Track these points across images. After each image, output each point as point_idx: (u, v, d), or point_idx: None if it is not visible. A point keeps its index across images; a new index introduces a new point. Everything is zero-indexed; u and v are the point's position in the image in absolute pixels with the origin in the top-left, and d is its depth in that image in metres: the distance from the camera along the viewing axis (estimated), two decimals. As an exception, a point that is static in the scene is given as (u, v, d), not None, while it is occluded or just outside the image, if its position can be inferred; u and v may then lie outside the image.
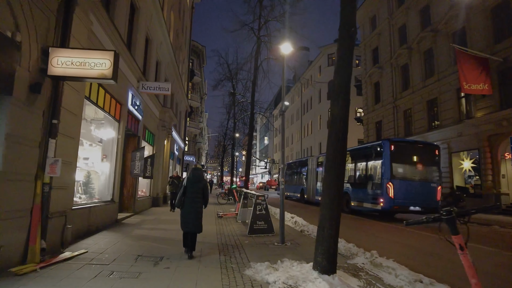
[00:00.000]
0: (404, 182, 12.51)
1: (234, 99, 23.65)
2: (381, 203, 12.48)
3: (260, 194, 7.85)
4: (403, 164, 12.88)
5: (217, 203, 17.23)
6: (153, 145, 14.39)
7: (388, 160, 12.62)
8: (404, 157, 12.96)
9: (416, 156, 13.16)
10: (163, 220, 10.09)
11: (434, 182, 13.12)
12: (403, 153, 13.05)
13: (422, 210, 12.37)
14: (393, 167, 12.57)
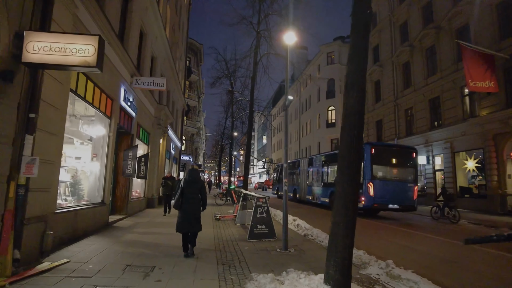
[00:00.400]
0: (383, 182, 13.57)
1: (232, 97, 23.07)
2: (362, 201, 13.38)
3: (261, 196, 7.31)
4: (383, 166, 13.90)
5: (214, 204, 16.68)
6: (148, 144, 13.83)
7: (369, 162, 13.51)
8: (383, 159, 13.99)
9: (395, 159, 14.26)
10: (157, 223, 9.53)
11: (411, 182, 14.13)
12: (382, 155, 14.05)
13: (399, 208, 13.62)
14: (373, 169, 13.54)
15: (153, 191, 14.16)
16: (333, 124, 37.46)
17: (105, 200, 8.33)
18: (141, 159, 10.80)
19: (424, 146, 20.93)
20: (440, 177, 20.10)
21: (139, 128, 12.13)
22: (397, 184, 13.86)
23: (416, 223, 12.69)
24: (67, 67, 4.16)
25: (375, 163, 13.67)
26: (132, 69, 10.03)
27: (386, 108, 25.59)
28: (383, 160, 13.93)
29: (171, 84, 19.23)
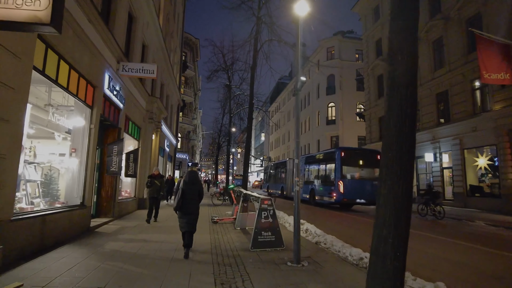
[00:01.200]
0: (352, 180, 16.00)
1: (229, 92, 21.98)
2: (334, 197, 15.96)
3: (266, 197, 6.25)
4: (351, 167, 16.37)
5: (211, 204, 15.61)
6: (139, 139, 12.72)
7: (339, 164, 16.08)
8: (352, 161, 16.48)
9: (362, 161, 16.63)
10: (147, 227, 8.46)
11: (376, 180, 14.47)
12: (351, 158, 16.58)
13: (366, 202, 15.84)
14: (342, 169, 16.05)
15: (144, 190, 13.05)
16: (333, 121, 36.48)
17: (85, 201, 7.23)
18: (129, 155, 9.71)
19: (431, 142, 20.01)
20: (448, 175, 19.18)
21: (128, 121, 11.02)
22: (364, 182, 16.09)
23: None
24: (9, 24, 3.06)
25: (344, 165, 16.20)
26: (118, 54, 8.92)
27: (390, 104, 24.60)
28: (352, 162, 16.45)
29: (165, 77, 18.12)
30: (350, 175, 16.17)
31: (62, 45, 5.70)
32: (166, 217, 10.54)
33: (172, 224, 8.97)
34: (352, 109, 36.56)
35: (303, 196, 19.78)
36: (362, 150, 20.41)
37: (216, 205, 15.45)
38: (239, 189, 10.65)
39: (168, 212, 12.04)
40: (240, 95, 22.13)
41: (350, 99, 36.44)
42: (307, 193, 19.57)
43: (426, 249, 6.84)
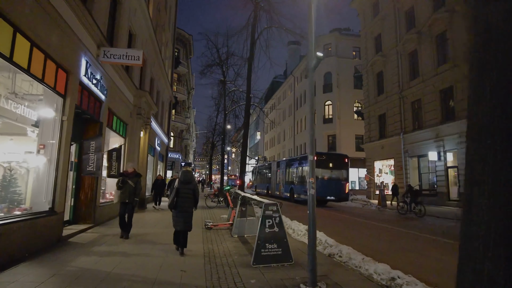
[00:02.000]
0: (322, 180, 18.20)
1: (224, 88, 20.89)
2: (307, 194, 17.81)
3: (271, 202, 5.22)
4: (322, 168, 18.45)
5: (205, 206, 14.53)
6: (125, 136, 11.59)
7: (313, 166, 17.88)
8: (322, 164, 18.44)
9: (331, 163, 19.20)
10: (132, 235, 7.37)
11: (344, 180, 19.13)
12: (322, 160, 18.72)
13: (335, 199, 18.62)
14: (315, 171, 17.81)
15: (114, 193, 11.92)
16: (330, 120, 35.61)
17: (56, 207, 6.13)
18: (112, 153, 8.60)
19: (434, 141, 19.20)
20: (453, 175, 18.39)
21: (112, 116, 9.90)
22: (333, 181, 18.70)
23: (397, 220, 11.04)
24: None
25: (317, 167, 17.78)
26: (99, 38, 7.81)
27: (390, 101, 23.79)
28: (322, 164, 18.39)
29: (155, 71, 16.99)
30: (321, 176, 18.45)
31: (17, 14, 4.60)
32: (154, 223, 9.46)
33: (160, 231, 7.90)
34: (350, 108, 35.76)
35: (285, 194, 22.69)
36: (331, 154, 23.92)
37: (210, 208, 14.37)
38: (236, 190, 9.63)
39: (156, 217, 10.99)
40: (236, 91, 21.08)
41: (347, 97, 35.62)
42: (288, 191, 22.19)
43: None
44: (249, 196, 6.99)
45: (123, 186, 6.97)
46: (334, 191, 18.35)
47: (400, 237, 8.56)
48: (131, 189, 6.97)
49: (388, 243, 7.62)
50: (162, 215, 11.39)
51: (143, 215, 11.32)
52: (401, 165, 22.18)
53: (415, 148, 21.16)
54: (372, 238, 8.30)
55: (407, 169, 21.85)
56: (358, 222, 11.62)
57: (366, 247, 6.66)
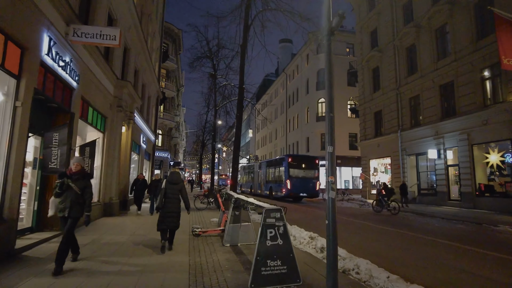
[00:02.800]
0: (296, 179, 20.83)
1: (215, 82, 19.76)
2: (283, 192, 21.02)
3: (273, 207, 4.14)
4: (296, 169, 21.18)
5: (193, 208, 13.41)
6: (104, 131, 10.39)
7: (287, 167, 21.04)
8: (296, 165, 21.38)
9: (304, 164, 21.72)
10: (103, 245, 6.24)
11: (315, 179, 21.75)
12: (295, 162, 21.58)
13: (307, 195, 21.09)
14: (289, 171, 20.92)
15: (112, 193, 10.73)
16: (323, 118, 34.73)
17: (4, 213, 4.96)
18: (84, 149, 7.43)
19: (433, 138, 18.47)
20: (454, 173, 17.67)
21: (87, 107, 8.71)
22: (305, 180, 21.24)
23: (379, 218, 10.17)
24: None
25: (291, 168, 21.15)
26: (68, 14, 6.64)
27: (387, 98, 23.03)
28: (296, 166, 21.37)
29: (140, 61, 15.77)
30: (295, 175, 21.11)
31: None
32: (133, 229, 8.32)
33: (138, 240, 6.78)
34: (343, 105, 34.99)
35: (265, 192, 25.12)
36: (303, 156, 26.28)
37: (199, 210, 13.26)
38: (228, 191, 8.56)
39: (137, 222, 9.84)
40: (227, 85, 19.94)
41: (340, 95, 34.77)
42: (268, 190, 24.66)
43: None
44: (244, 198, 5.94)
45: (61, 193, 4.63)
46: (307, 189, 21.14)
47: (416, 243, 7.62)
48: (73, 197, 4.62)
49: (404, 251, 6.64)
50: (145, 220, 10.25)
51: (122, 220, 10.16)
52: (399, 164, 21.43)
53: (413, 146, 20.42)
54: (383, 244, 7.34)
55: (405, 168, 21.12)
56: (361, 225, 10.68)
57: (381, 257, 5.70)
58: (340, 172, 34.22)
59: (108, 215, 10.33)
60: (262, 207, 4.18)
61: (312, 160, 22.62)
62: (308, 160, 22.48)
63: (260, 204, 4.49)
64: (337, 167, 34.18)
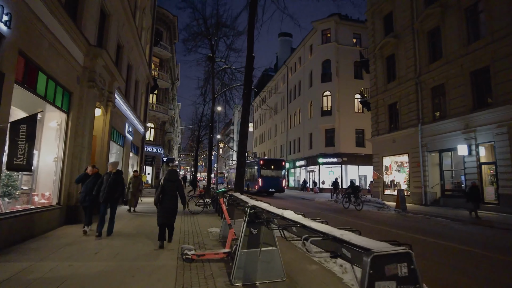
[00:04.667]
0: (266, 178, 25.52)
1: (213, 66, 17.18)
2: (256, 188, 25.46)
3: (387, 249, 1.70)
4: (266, 169, 25.82)
5: (186, 212, 10.92)
6: (68, 110, 7.86)
7: (259, 168, 25.83)
8: (266, 166, 26.18)
9: (273, 166, 26.34)
10: (46, 271, 3.75)
11: (281, 177, 26.14)
12: (266, 164, 26.56)
13: (275, 191, 25.60)
14: (261, 171, 25.67)
15: (78, 191, 8.19)
16: (329, 112, 32.39)
17: None
18: (17, 127, 4.92)
19: (462, 132, 16.12)
20: (488, 172, 15.36)
21: (35, 71, 6.16)
22: (273, 178, 25.59)
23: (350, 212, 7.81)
24: None
25: (262, 168, 25.76)
26: None
27: (404, 88, 20.67)
28: (266, 166, 25.93)
29: (124, 34, 13.20)
30: (265, 175, 25.68)
31: None
32: (100, 245, 5.82)
33: (100, 269, 4.28)
34: (350, 99, 32.68)
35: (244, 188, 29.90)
36: (272, 159, 33.60)
37: (193, 213, 10.76)
38: (233, 193, 6.09)
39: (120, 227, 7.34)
40: (227, 69, 17.35)
41: (347, 87, 32.53)
42: (246, 186, 26.59)
43: None
44: (268, 208, 3.47)
45: None
46: (275, 185, 25.59)
47: (490, 264, 5.22)
48: None
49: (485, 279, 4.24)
50: (120, 227, 7.74)
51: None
52: (418, 161, 19.10)
53: (436, 141, 18.09)
54: (440, 265, 4.95)
55: (426, 166, 18.78)
56: (393, 234, 8.29)
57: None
58: (346, 171, 31.89)
59: (72, 221, 7.81)
60: (349, 244, 1.69)
61: (280, 162, 27.72)
62: (276, 162, 27.56)
63: (331, 231, 1.98)
64: (343, 166, 31.87)
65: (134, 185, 11.21)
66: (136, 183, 11.30)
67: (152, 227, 7.25)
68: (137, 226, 8.07)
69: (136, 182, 11.31)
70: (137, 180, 11.41)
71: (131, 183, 11.23)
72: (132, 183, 11.25)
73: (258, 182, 25.44)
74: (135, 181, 11.29)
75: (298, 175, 38.95)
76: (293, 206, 16.60)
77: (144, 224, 8.46)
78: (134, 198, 11.18)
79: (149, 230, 7.30)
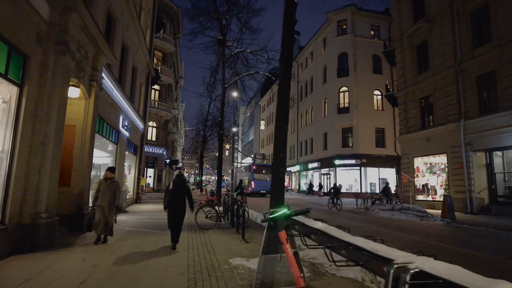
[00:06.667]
0: (259, 181, 29.53)
1: (223, 50, 14.65)
2: (249, 189, 28.67)
3: None
4: (258, 173, 30.24)
5: (193, 224, 8.33)
6: (22, 82, 5.30)
7: (252, 172, 30.17)
8: (259, 170, 30.75)
9: (264, 170, 30.78)
10: None
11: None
12: (258, 169, 31.09)
13: (266, 192, 27.45)
14: (254, 175, 29.94)
15: (40, 204, 5.64)
16: (347, 109, 29.73)
17: None
18: None
19: (521, 127, 13.46)
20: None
21: None
22: (266, 181, 28.42)
23: None
24: None
25: (255, 173, 30.07)
26: None
27: (440, 79, 18.01)
28: (258, 171, 30.48)
29: (117, 6, 10.70)
30: (258, 178, 29.48)
31: None
32: None
33: None
34: (369, 96, 30.06)
35: None
36: (264, 164, 35.42)
37: (203, 229, 8.18)
38: (305, 220, 3.46)
39: (83, 269, 4.72)
40: (239, 54, 14.79)
41: (366, 83, 29.92)
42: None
43: None
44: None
45: None
46: (266, 187, 26.85)
47: None
48: None
49: None
50: (103, 259, 5.19)
51: (53, 261, 5.11)
52: (461, 162, 16.39)
53: (483, 138, 15.40)
54: None
55: (470, 168, 16.06)
56: (469, 256, 5.66)
57: None
58: (366, 173, 29.16)
59: (27, 250, 5.25)
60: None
61: (269, 167, 29.79)
62: (267, 167, 30.84)
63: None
64: (362, 168, 29.17)
65: (105, 193, 6.34)
66: (110, 190, 6.38)
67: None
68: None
69: (110, 189, 6.38)
70: (112, 185, 6.44)
71: (101, 190, 6.35)
72: (102, 190, 6.35)
73: (251, 184, 29.12)
74: (108, 187, 6.37)
75: (311, 178, 36.24)
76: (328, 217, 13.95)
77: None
78: (104, 217, 6.23)
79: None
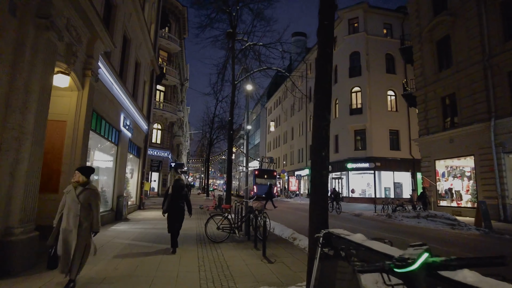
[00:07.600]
0: (260, 185, 29.47)
1: (233, 44, 13.50)
2: (251, 194, 25.27)
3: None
4: (260, 178, 30.88)
5: (203, 236, 7.14)
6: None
7: (254, 177, 30.66)
8: (260, 175, 31.32)
9: (266, 175, 31.54)
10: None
11: (273, 185, 26.83)
12: (259, 174, 31.62)
13: (265, 197, 22.36)
14: (256, 180, 30.55)
15: (11, 217, 4.49)
16: (359, 110, 28.41)
17: None
18: None
19: None
20: None
21: None
22: (265, 186, 26.54)
23: None
24: None
25: (257, 178, 30.89)
26: None
27: (465, 75, 16.69)
28: (260, 176, 31.33)
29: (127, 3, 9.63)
30: (259, 183, 30.05)
31: None
32: None
33: None
34: (382, 96, 28.72)
35: (241, 193, 31.41)
36: (265, 169, 34.99)
37: (214, 242, 6.97)
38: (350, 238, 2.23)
39: None
40: (250, 48, 13.62)
41: (379, 83, 28.61)
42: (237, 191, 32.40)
43: None
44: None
45: None
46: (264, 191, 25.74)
47: None
48: None
49: None
50: None
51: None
52: (491, 165, 15.01)
53: (518, 139, 14.06)
54: None
55: (503, 171, 14.67)
56: None
57: None
58: (380, 177, 27.75)
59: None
60: None
61: (271, 172, 32.55)
62: (268, 172, 32.25)
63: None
64: (376, 172, 27.78)
65: (72, 208, 3.95)
66: (81, 203, 3.97)
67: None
68: None
69: (81, 201, 3.97)
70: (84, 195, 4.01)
71: (67, 204, 4.00)
72: (68, 203, 3.99)
73: (253, 189, 29.35)
74: (78, 198, 3.97)
75: (321, 183, 34.90)
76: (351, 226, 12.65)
77: None
78: (68, 247, 3.89)
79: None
